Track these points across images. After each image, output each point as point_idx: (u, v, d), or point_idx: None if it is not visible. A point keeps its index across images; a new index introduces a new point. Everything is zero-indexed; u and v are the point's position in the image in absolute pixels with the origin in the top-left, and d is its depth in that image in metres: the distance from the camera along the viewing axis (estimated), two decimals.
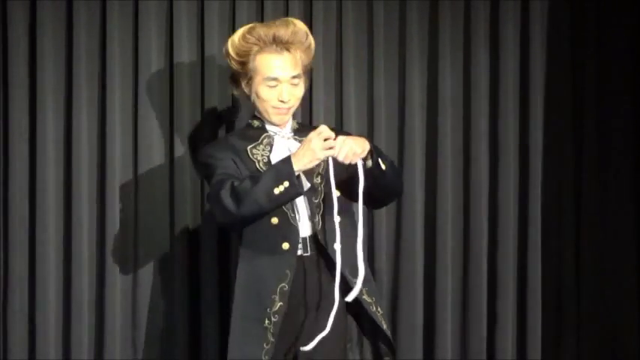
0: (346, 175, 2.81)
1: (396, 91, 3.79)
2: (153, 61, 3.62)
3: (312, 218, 2.85)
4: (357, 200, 2.79)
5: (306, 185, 2.73)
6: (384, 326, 2.87)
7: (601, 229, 3.88)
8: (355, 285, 2.76)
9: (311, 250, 2.86)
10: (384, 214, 3.73)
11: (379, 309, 2.88)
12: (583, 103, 3.86)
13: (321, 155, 2.67)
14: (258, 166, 2.86)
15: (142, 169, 3.62)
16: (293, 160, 2.68)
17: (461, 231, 3.82)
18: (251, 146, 2.90)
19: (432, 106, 3.81)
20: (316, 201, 2.86)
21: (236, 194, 2.70)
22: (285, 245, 2.81)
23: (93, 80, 3.60)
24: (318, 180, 2.88)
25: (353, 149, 2.69)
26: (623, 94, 3.87)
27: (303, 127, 3.03)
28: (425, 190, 3.80)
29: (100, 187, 3.60)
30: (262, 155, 2.89)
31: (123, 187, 3.61)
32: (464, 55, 3.82)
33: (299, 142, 2.89)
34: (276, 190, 2.66)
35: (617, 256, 3.88)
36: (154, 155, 3.62)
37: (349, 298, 2.76)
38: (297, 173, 2.68)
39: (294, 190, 2.68)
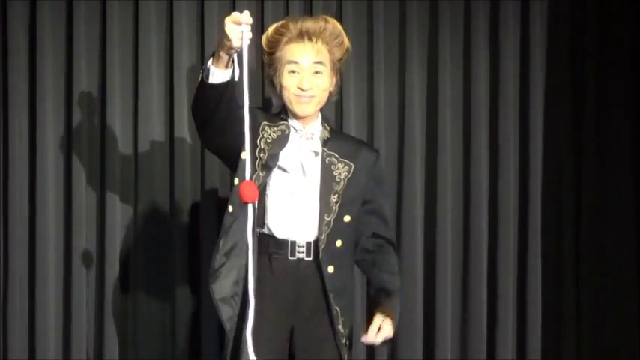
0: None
1: (396, 92, 3.80)
2: (153, 61, 3.62)
3: (319, 233, 2.82)
4: None
5: (239, 70, 2.61)
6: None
7: (601, 228, 3.88)
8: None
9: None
10: None
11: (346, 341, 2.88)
12: (583, 102, 3.87)
13: (235, 43, 2.51)
14: (258, 141, 2.80)
15: (143, 168, 3.62)
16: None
17: (461, 231, 3.82)
18: (267, 123, 2.84)
19: (432, 106, 3.81)
20: (328, 219, 2.82)
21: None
22: None
23: (93, 80, 3.61)
24: (334, 199, 2.83)
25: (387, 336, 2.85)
26: (623, 93, 3.87)
27: (339, 137, 2.95)
28: (425, 190, 3.80)
29: (101, 187, 3.61)
30: (270, 136, 2.83)
31: (123, 187, 3.61)
32: (464, 55, 3.82)
33: (315, 152, 2.85)
34: (201, 75, 2.63)
35: (617, 255, 3.88)
36: (155, 155, 3.63)
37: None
38: (231, 58, 2.57)
39: (206, 70, 2.59)
